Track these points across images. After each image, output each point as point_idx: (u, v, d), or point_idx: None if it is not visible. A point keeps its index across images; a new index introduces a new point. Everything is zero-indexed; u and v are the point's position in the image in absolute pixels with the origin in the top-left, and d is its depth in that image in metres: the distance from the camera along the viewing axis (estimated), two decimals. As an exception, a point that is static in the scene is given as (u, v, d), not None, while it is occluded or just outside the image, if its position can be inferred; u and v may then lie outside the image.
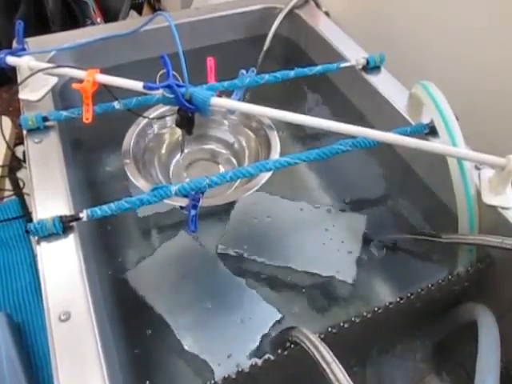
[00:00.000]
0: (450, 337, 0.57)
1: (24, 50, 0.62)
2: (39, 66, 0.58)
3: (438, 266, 0.59)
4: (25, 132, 0.57)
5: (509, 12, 0.58)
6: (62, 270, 0.44)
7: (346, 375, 0.34)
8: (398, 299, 0.46)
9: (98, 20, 1.29)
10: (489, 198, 0.51)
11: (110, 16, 1.37)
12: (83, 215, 0.45)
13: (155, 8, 1.68)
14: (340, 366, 0.34)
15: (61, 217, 0.45)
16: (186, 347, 0.53)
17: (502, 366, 0.43)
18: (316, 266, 0.61)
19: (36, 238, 0.46)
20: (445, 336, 0.58)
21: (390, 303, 0.45)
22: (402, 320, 0.52)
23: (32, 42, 0.70)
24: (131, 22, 0.93)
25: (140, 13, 1.61)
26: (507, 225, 0.49)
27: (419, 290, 0.47)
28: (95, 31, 0.73)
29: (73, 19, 1.29)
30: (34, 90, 0.60)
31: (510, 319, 0.50)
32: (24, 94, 0.59)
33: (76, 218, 0.46)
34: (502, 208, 0.50)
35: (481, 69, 0.64)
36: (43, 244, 0.45)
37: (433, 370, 0.57)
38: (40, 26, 1.23)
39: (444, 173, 0.54)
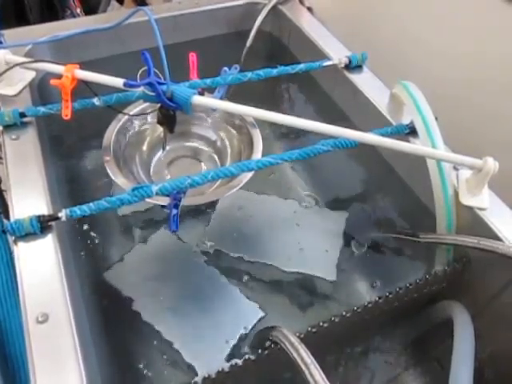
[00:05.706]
0: (427, 333, 0.58)
1: (0, 42, 0.60)
2: (16, 60, 0.56)
3: (417, 265, 0.60)
4: (1, 128, 0.55)
5: (490, 15, 0.59)
6: (40, 271, 0.43)
7: (324, 377, 0.34)
8: (377, 298, 0.47)
9: (78, 11, 1.25)
10: (466, 199, 0.52)
11: (90, 6, 1.34)
12: (62, 215, 0.44)
13: (137, -2, 1.64)
14: (318, 367, 0.35)
15: (39, 216, 0.45)
16: (165, 346, 0.53)
17: (475, 362, 0.44)
18: (297, 264, 0.61)
19: (13, 237, 0.45)
20: (422, 333, 0.59)
21: (369, 302, 0.46)
22: (380, 318, 0.53)
23: (9, 34, 0.67)
24: (112, 15, 0.92)
25: (121, 3, 1.58)
26: (483, 225, 0.50)
27: (397, 290, 0.48)
28: (74, 24, 0.72)
29: (51, 9, 1.25)
30: (11, 84, 0.58)
31: (484, 317, 0.51)
32: (0, 89, 0.58)
33: (54, 218, 0.45)
34: (479, 209, 0.51)
35: (462, 70, 0.65)
36: (20, 244, 0.44)
37: (410, 365, 0.58)
38: (17, 16, 1.19)
39: (424, 173, 0.54)
